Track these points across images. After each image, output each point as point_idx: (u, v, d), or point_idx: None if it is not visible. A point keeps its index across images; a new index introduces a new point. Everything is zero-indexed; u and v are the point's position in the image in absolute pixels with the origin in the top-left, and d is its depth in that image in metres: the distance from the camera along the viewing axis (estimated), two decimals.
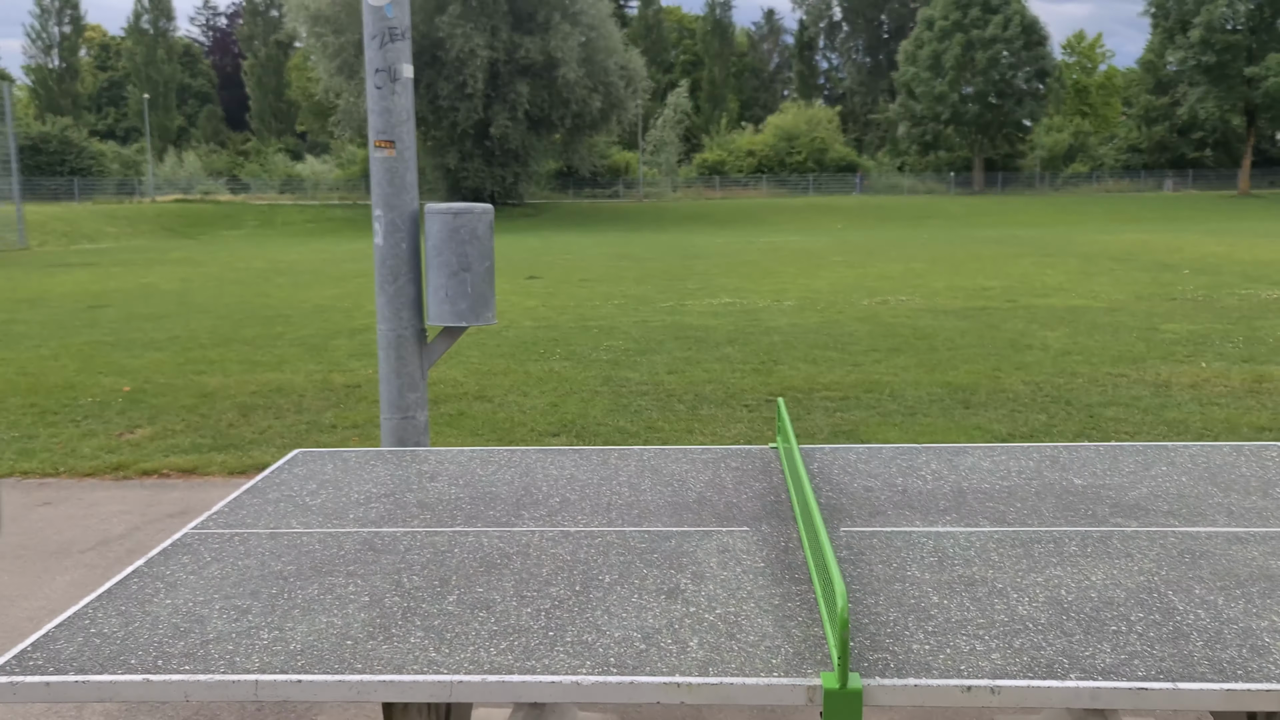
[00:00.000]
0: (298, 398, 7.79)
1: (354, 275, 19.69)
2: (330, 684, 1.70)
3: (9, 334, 11.64)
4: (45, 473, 5.87)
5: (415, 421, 5.03)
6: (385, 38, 4.76)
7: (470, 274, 4.87)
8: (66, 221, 38.83)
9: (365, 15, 4.80)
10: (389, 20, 4.73)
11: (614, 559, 2.20)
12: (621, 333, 10.97)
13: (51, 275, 20.86)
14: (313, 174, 64.92)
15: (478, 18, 43.72)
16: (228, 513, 2.60)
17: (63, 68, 76.79)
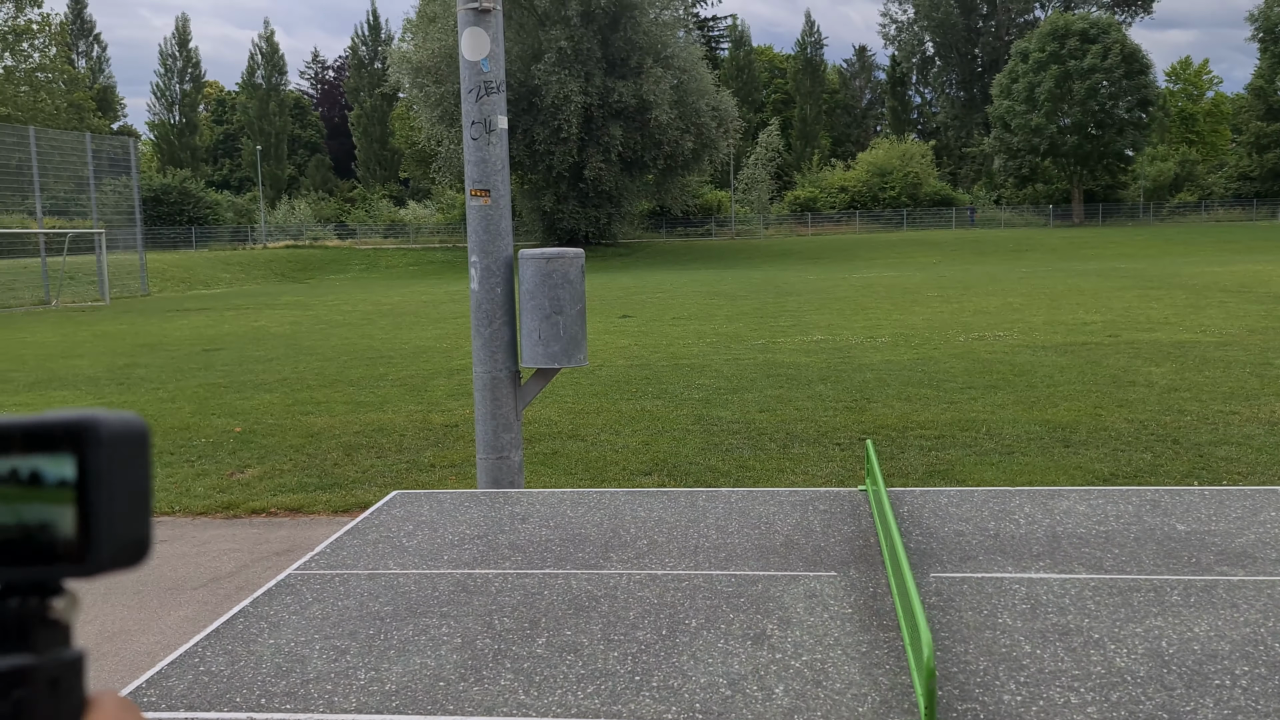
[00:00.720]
0: (399, 437, 7.99)
1: (453, 316, 20.12)
2: None
3: (130, 377, 12.20)
4: (161, 511, 6.13)
5: (510, 461, 5.12)
6: (481, 91, 4.92)
7: (562, 317, 4.96)
8: (184, 268, 40.59)
9: (462, 70, 4.97)
10: (484, 75, 4.89)
11: (700, 603, 2.21)
12: (713, 371, 10.98)
13: (170, 320, 21.81)
14: (415, 219, 66.74)
15: (572, 65, 44.59)
16: (329, 553, 2.70)
17: (183, 123, 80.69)
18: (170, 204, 61.42)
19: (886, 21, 76.43)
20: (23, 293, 31.15)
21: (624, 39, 45.76)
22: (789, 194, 66.52)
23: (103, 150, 36.22)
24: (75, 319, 23.40)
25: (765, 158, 64.85)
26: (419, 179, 70.50)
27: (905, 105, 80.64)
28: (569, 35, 44.26)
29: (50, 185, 34.37)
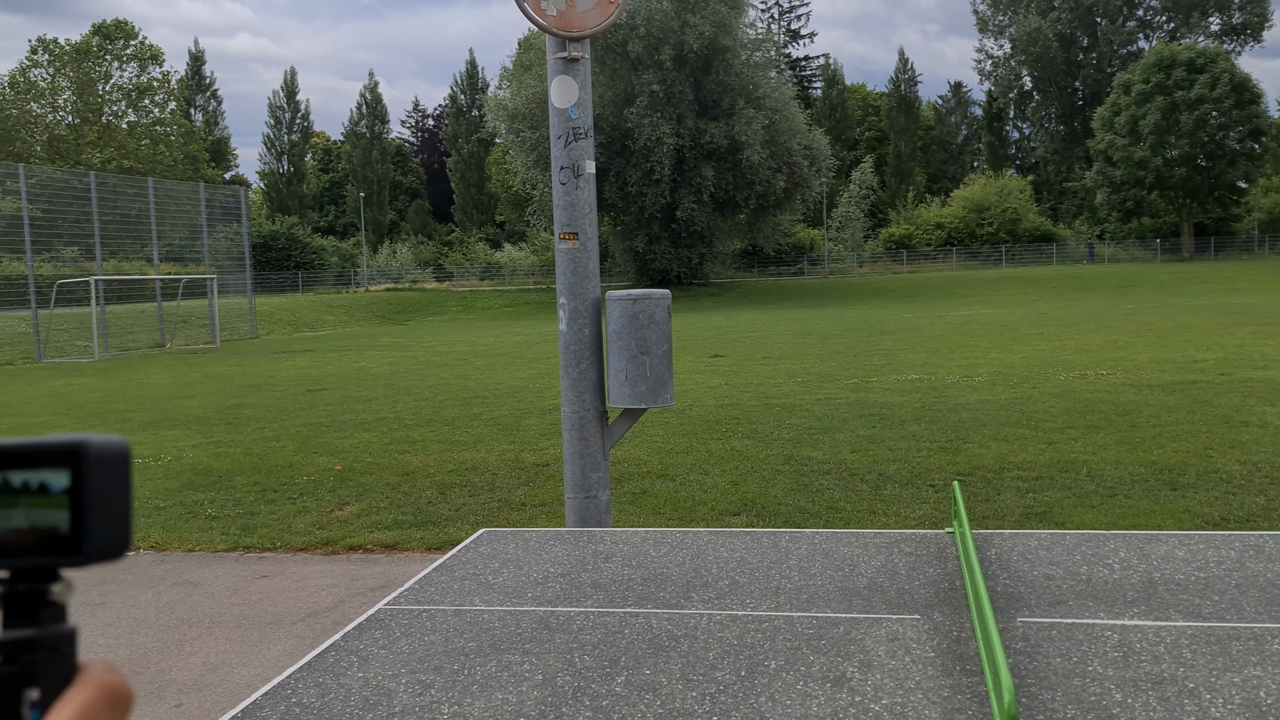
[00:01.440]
0: (491, 476, 8.12)
1: (546, 357, 20.39)
2: None
3: (238, 417, 12.66)
4: (264, 547, 6.33)
5: (598, 501, 5.17)
6: (569, 137, 5.03)
7: (649, 357, 5.01)
8: (290, 311, 42.00)
9: (551, 117, 5.10)
10: (573, 121, 5.00)
11: (781, 644, 2.21)
12: (804, 410, 10.89)
13: (276, 361, 22.57)
14: (510, 261, 68.00)
15: (664, 107, 45.12)
16: (418, 590, 2.77)
17: (291, 171, 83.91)
18: (278, 250, 63.77)
19: (982, 57, 75.60)
20: (140, 336, 32.58)
21: (716, 81, 46.15)
22: (883, 231, 65.89)
23: (216, 199, 37.81)
24: (188, 361, 24.37)
25: (859, 195, 64.44)
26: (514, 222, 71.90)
27: (1002, 140, 79.36)
28: (661, 79, 44.83)
29: (167, 233, 35.99)
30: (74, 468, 0.47)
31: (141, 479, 8.61)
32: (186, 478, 8.57)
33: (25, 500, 0.47)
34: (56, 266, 35.42)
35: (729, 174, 46.58)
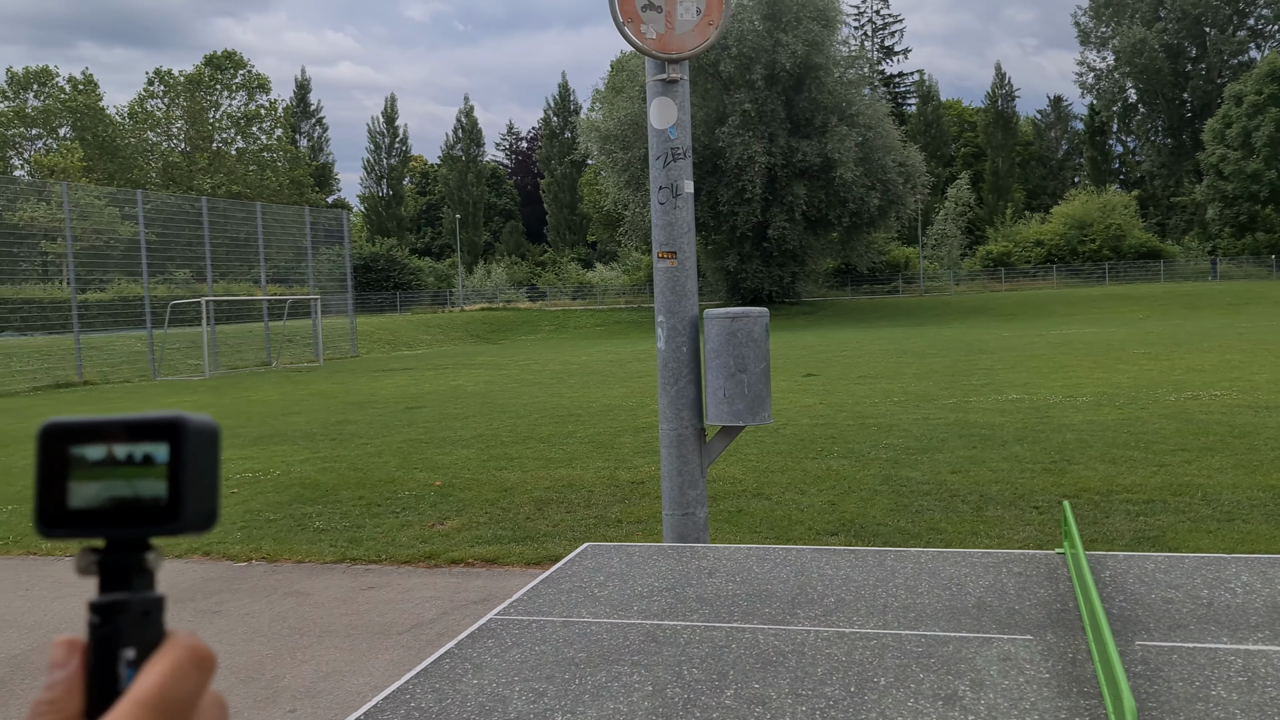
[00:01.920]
0: (587, 493, 8.20)
1: (638, 375, 20.49)
2: None
3: (342, 433, 13.02)
4: (370, 560, 6.50)
5: (695, 518, 5.19)
6: (668, 158, 5.09)
7: (747, 375, 5.02)
8: (389, 331, 43.03)
9: (650, 138, 5.17)
10: (672, 142, 5.06)
11: (890, 662, 2.20)
12: (902, 430, 10.75)
13: (376, 380, 23.14)
14: (602, 280, 68.58)
15: (756, 126, 45.10)
16: (526, 601, 2.83)
17: (390, 194, 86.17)
18: (378, 271, 65.44)
19: (1084, 70, 73.56)
20: (248, 354, 33.73)
21: (808, 99, 45.96)
22: (980, 249, 64.62)
23: (319, 222, 39.00)
24: (293, 378, 25.14)
25: (955, 212, 63.35)
26: (606, 242, 72.58)
27: (1105, 155, 77.22)
28: (753, 98, 44.84)
29: (273, 255, 37.23)
30: (173, 441, 0.50)
31: (252, 492, 8.92)
32: (295, 491, 8.85)
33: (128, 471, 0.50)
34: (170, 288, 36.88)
35: (821, 192, 46.29)
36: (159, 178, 67.94)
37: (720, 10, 4.91)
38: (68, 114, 65.14)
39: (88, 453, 0.49)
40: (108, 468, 0.49)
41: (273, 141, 73.41)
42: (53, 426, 0.49)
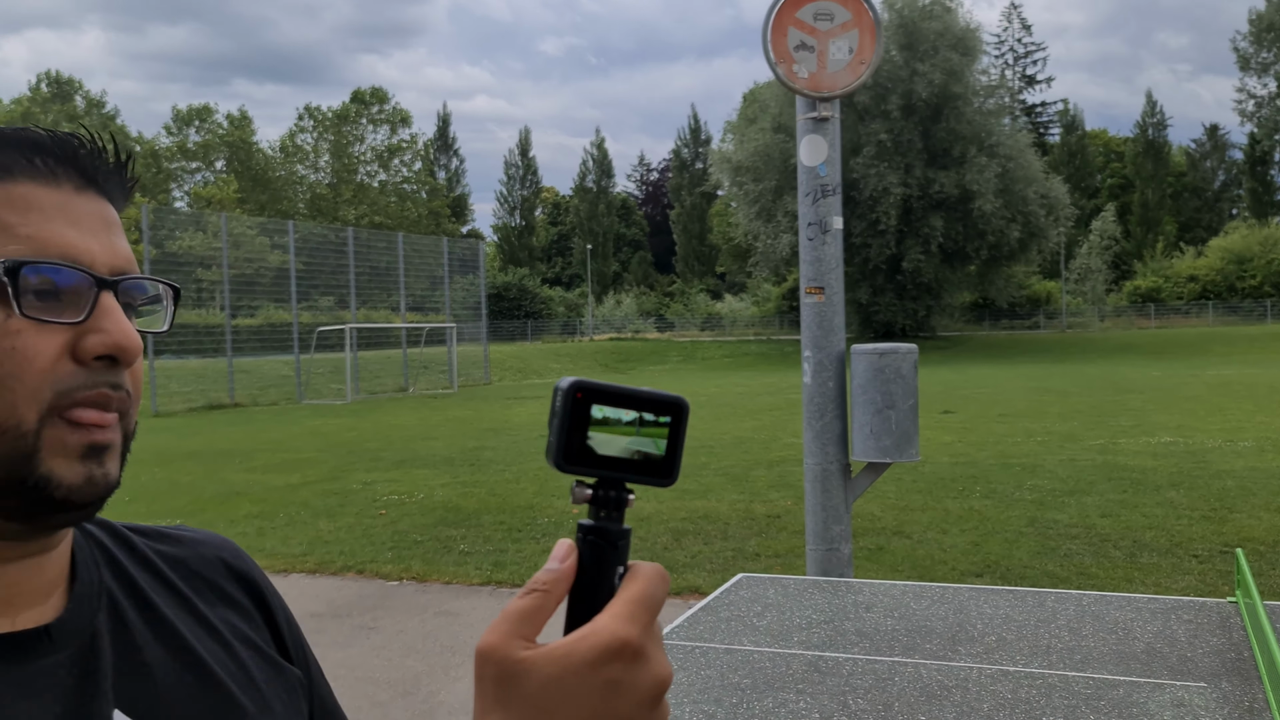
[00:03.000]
0: (723, 525, 8.25)
1: (769, 408, 20.43)
2: None
3: (480, 459, 13.39)
4: (514, 583, 6.69)
5: (839, 554, 5.19)
6: (817, 194, 5.15)
7: (894, 411, 5.01)
8: (520, 359, 43.99)
9: (800, 175, 5.24)
10: (821, 179, 5.13)
11: (1058, 702, 2.20)
12: (1046, 471, 10.45)
13: (509, 407, 23.70)
14: (731, 312, 68.62)
15: (892, 157, 44.59)
16: (686, 627, 2.91)
17: (522, 225, 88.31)
18: (510, 300, 67.01)
19: (1243, 97, 70.17)
20: (386, 380, 34.96)
21: (946, 129, 45.23)
22: (1128, 284, 62.14)
23: (455, 252, 40.21)
24: (429, 404, 25.95)
25: (1100, 245, 61.10)
26: (735, 273, 72.61)
27: (1267, 186, 73.35)
28: (889, 128, 44.38)
29: (411, 284, 38.55)
30: (674, 415, 0.64)
31: (399, 514, 9.28)
32: (439, 514, 9.17)
33: (649, 432, 0.63)
34: (315, 315, 38.50)
35: (959, 224, 45.39)
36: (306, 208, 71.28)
37: (872, 49, 4.96)
38: (224, 148, 69.10)
39: (613, 413, 0.62)
40: (633, 427, 0.63)
41: (413, 174, 76.23)
42: (581, 385, 0.62)
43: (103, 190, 0.72)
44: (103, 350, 0.66)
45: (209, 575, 0.84)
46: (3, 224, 0.66)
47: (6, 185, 0.67)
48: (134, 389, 0.69)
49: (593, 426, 0.62)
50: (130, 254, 0.71)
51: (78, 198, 0.70)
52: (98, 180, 0.72)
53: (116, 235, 0.71)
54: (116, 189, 0.74)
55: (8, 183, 0.67)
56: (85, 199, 0.70)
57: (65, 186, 0.69)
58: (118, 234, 0.71)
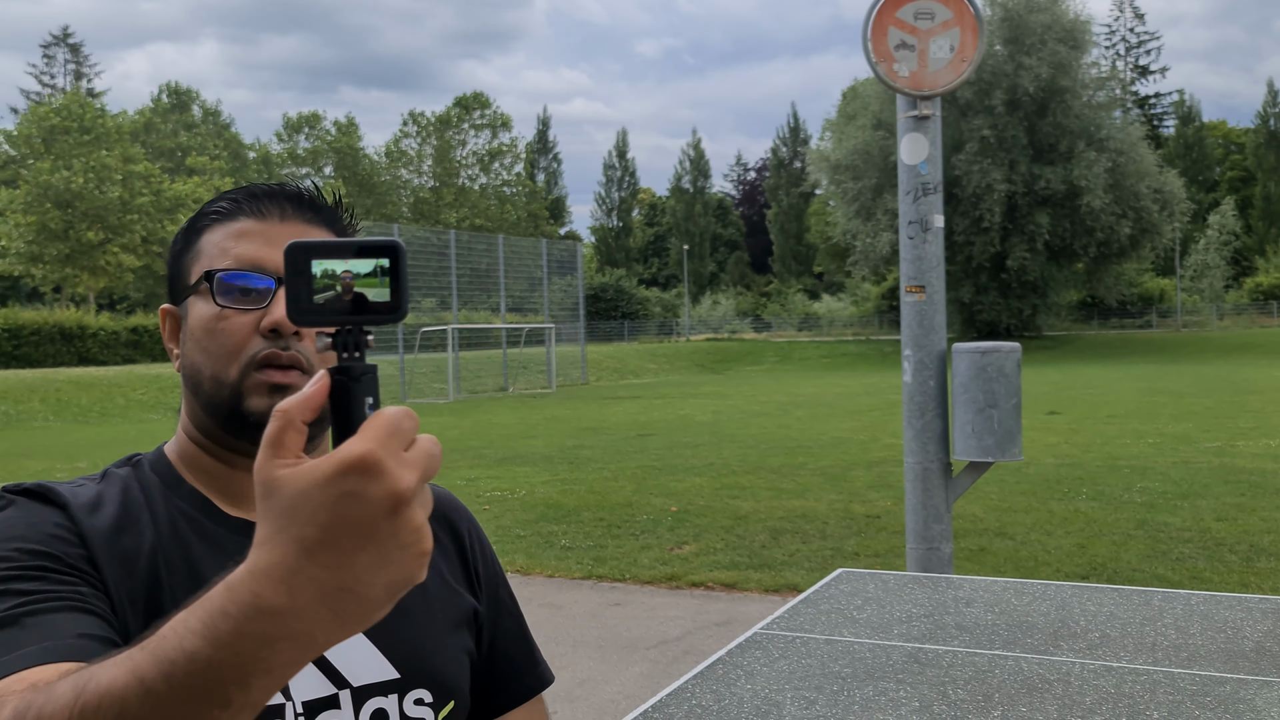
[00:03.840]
0: (821, 524, 8.25)
1: (868, 409, 20.23)
2: None
3: (578, 457, 13.60)
4: (614, 578, 6.83)
5: (940, 553, 5.17)
6: (919, 193, 5.15)
7: (997, 410, 4.98)
8: (616, 359, 44.33)
9: (900, 173, 5.24)
10: (923, 177, 5.12)
11: (1162, 697, 2.21)
12: (1157, 474, 10.16)
13: (606, 406, 23.94)
14: (828, 312, 67.94)
15: (996, 153, 43.58)
16: (787, 618, 2.98)
17: (619, 226, 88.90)
18: (607, 300, 67.49)
19: None
20: (487, 380, 35.60)
21: (1053, 124, 44.03)
22: (1248, 280, 59.55)
23: (554, 254, 40.70)
24: (528, 404, 26.37)
25: (1218, 241, 58.71)
26: (833, 272, 71.90)
27: None
28: (992, 124, 43.39)
29: (510, 286, 39.16)
30: (391, 257, 0.70)
31: (502, 509, 9.51)
32: (540, 510, 9.37)
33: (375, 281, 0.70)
34: (418, 315, 39.34)
35: (1066, 220, 44.15)
36: (410, 212, 72.94)
37: (975, 47, 4.94)
38: (332, 154, 71.16)
39: (333, 265, 0.70)
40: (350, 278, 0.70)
41: (512, 177, 77.39)
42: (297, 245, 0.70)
43: (305, 219, 1.03)
44: (268, 326, 0.96)
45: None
46: (223, 248, 1.00)
47: (230, 222, 1.02)
48: (310, 353, 0.97)
49: (317, 281, 0.69)
50: None
51: (280, 225, 1.01)
52: (302, 212, 1.03)
53: None
54: (324, 218, 1.05)
55: (232, 221, 1.02)
56: (287, 226, 1.01)
57: (271, 219, 1.02)
58: None
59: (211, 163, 58.05)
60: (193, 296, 1.01)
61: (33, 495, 0.94)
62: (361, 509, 0.59)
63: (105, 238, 46.45)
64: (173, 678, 0.60)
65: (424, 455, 0.62)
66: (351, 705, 0.97)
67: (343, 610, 0.60)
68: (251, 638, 0.59)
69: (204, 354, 0.98)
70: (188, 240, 1.04)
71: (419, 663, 1.01)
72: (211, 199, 1.05)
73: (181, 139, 64.57)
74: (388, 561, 0.60)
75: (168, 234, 48.26)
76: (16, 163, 50.96)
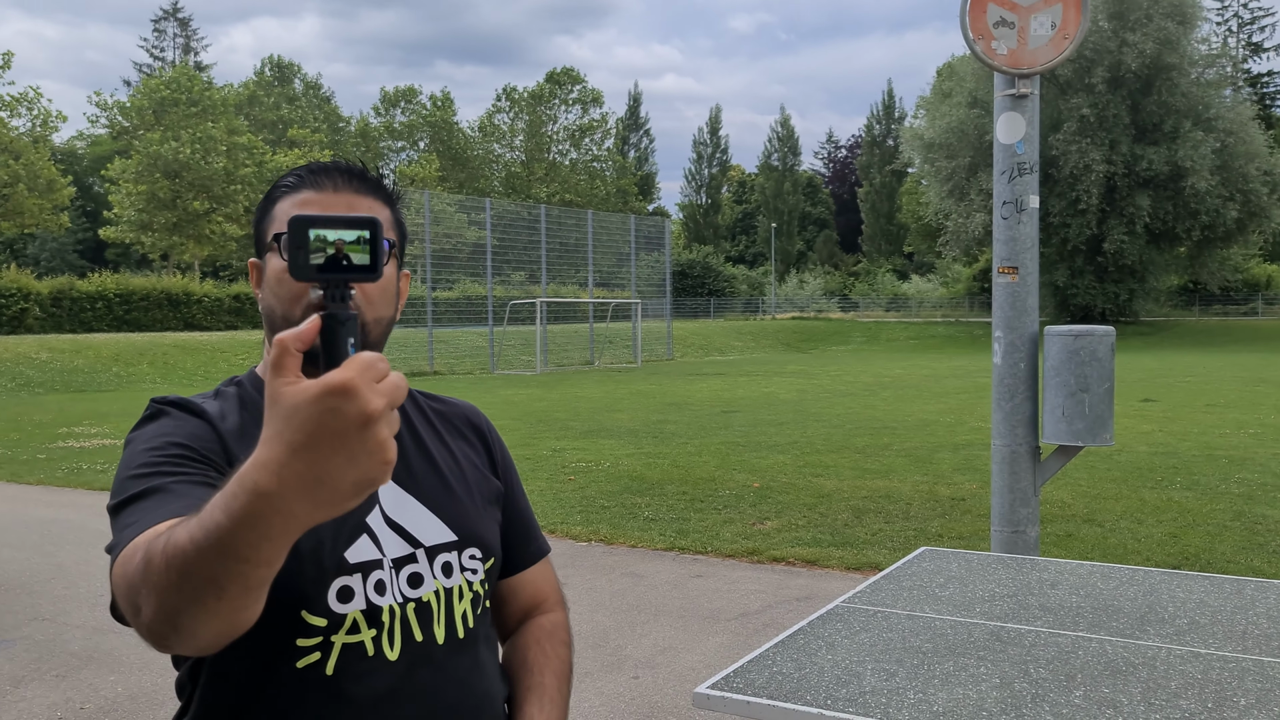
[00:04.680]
0: (905, 505, 8.21)
1: (956, 391, 19.93)
2: None
3: (663, 431, 13.71)
4: (696, 550, 6.91)
5: (1026, 537, 5.13)
6: (1014, 172, 5.08)
7: (1089, 395, 4.91)
8: (702, 336, 44.32)
9: (996, 152, 5.18)
10: (1019, 156, 5.05)
11: (1250, 684, 2.20)
12: (1258, 465, 9.85)
13: (691, 383, 24.01)
14: (918, 293, 66.86)
15: (1095, 133, 42.25)
16: (869, 593, 3.01)
17: (708, 203, 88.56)
18: (694, 277, 67.42)
19: None
20: (573, 353, 35.95)
21: (1157, 103, 42.49)
22: None
23: (642, 229, 40.78)
24: (614, 378, 26.57)
25: None
26: (924, 253, 70.63)
27: None
28: (1092, 102, 42.05)
29: (598, 261, 39.37)
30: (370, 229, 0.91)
31: (587, 480, 9.66)
32: (624, 482, 9.49)
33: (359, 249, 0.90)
34: (507, 289, 39.85)
35: (1168, 203, 42.66)
36: (501, 186, 73.70)
37: (1077, 24, 4.84)
38: (427, 128, 72.19)
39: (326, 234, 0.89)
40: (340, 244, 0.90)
41: (603, 152, 77.57)
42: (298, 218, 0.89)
43: (355, 189, 1.28)
44: None
45: (456, 423, 1.48)
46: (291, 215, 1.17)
47: (295, 194, 1.27)
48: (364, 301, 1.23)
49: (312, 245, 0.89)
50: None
51: (334, 195, 1.26)
52: (351, 184, 1.27)
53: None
54: (370, 188, 1.29)
55: (296, 193, 1.27)
56: (341, 196, 1.26)
57: (326, 188, 1.26)
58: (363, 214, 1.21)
59: (311, 135, 59.41)
60: (268, 253, 1.27)
61: (179, 406, 1.25)
62: (338, 422, 0.77)
63: (210, 207, 47.98)
64: (208, 539, 0.83)
65: (392, 387, 0.80)
66: (425, 559, 1.27)
67: (318, 497, 0.79)
68: (252, 513, 0.80)
69: (276, 298, 1.24)
70: (265, 208, 1.30)
71: (469, 529, 1.33)
72: (282, 175, 1.30)
73: (283, 111, 66.17)
74: (355, 465, 0.79)
75: None
76: (129, 133, 52.88)
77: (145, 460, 1.14)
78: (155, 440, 1.17)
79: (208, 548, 0.83)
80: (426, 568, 1.27)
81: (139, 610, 0.93)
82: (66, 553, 7.15)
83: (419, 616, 1.25)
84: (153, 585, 0.89)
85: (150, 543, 0.93)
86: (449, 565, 1.30)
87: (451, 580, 1.29)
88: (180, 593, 0.86)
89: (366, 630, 1.20)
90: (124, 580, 0.96)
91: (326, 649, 1.18)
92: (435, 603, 1.27)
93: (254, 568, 0.83)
